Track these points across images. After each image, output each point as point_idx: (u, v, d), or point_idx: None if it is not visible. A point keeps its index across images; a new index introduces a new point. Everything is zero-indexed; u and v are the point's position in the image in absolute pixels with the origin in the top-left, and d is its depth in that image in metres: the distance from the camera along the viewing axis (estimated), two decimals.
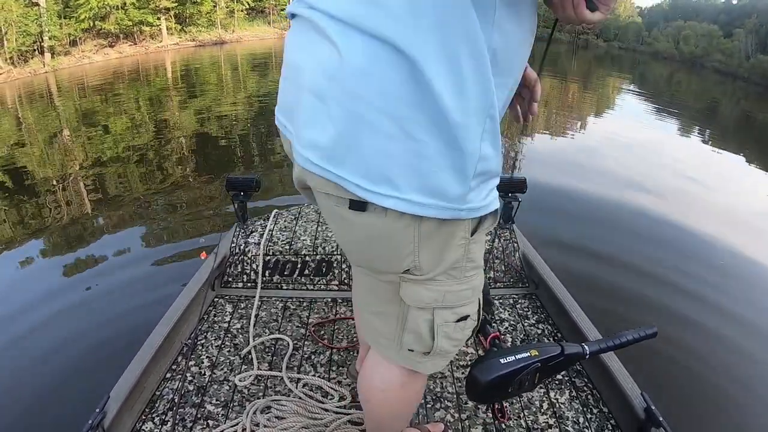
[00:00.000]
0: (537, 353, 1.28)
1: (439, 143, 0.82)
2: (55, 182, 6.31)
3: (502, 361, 1.26)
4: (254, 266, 2.42)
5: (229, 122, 9.49)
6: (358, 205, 0.88)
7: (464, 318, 1.07)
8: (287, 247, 2.45)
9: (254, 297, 2.31)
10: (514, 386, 1.26)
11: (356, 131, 0.82)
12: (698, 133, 11.22)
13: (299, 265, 2.43)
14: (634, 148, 8.35)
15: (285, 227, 2.62)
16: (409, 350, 1.11)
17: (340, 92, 0.81)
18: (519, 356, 1.27)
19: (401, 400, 1.26)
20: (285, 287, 2.43)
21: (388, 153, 0.82)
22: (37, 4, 20.49)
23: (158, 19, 26.04)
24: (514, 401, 1.76)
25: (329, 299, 2.36)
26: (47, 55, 20.52)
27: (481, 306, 1.14)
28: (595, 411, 1.73)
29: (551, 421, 1.68)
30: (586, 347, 1.33)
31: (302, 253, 2.43)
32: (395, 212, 0.86)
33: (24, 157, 7.48)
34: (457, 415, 1.71)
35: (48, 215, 5.18)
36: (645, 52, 38.24)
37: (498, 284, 2.47)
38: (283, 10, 34.59)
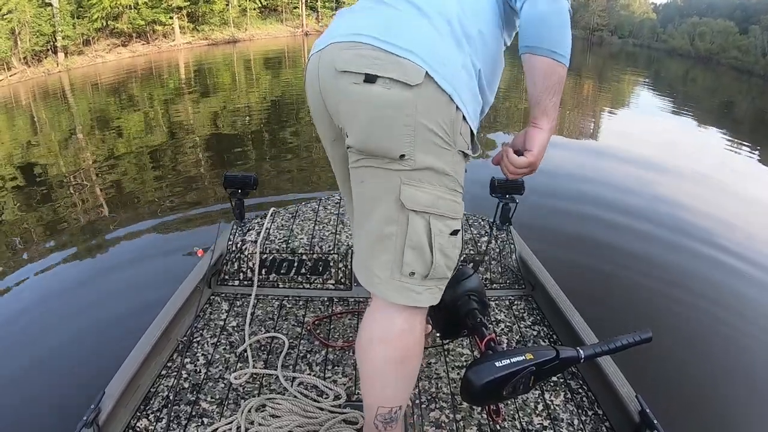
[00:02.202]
0: (532, 357, 1.28)
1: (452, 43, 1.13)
2: (58, 179, 6.37)
3: (497, 364, 1.26)
4: (251, 264, 2.42)
5: (234, 121, 9.54)
6: (370, 78, 1.09)
7: (455, 233, 1.22)
8: (284, 245, 2.45)
9: (250, 295, 2.31)
10: (509, 389, 1.26)
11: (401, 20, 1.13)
12: (710, 132, 11.05)
13: (296, 264, 2.43)
14: (640, 148, 8.17)
15: (282, 225, 2.62)
16: (410, 274, 1.20)
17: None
18: (514, 360, 1.27)
19: (401, 350, 1.26)
20: (281, 286, 2.43)
21: (416, 30, 1.11)
22: (50, 5, 20.70)
23: (171, 18, 26.23)
24: (509, 402, 1.75)
25: (325, 298, 2.36)
26: (61, 54, 20.75)
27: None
28: (590, 413, 1.72)
29: (546, 423, 1.67)
30: (581, 351, 1.33)
31: (299, 251, 2.42)
32: (400, 84, 1.08)
33: (33, 154, 7.58)
34: (452, 416, 1.70)
35: (47, 211, 5.23)
36: (660, 49, 37.91)
37: (494, 285, 2.46)
38: (296, 8, 34.71)
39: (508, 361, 1.26)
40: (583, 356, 1.32)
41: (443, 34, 1.12)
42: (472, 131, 1.21)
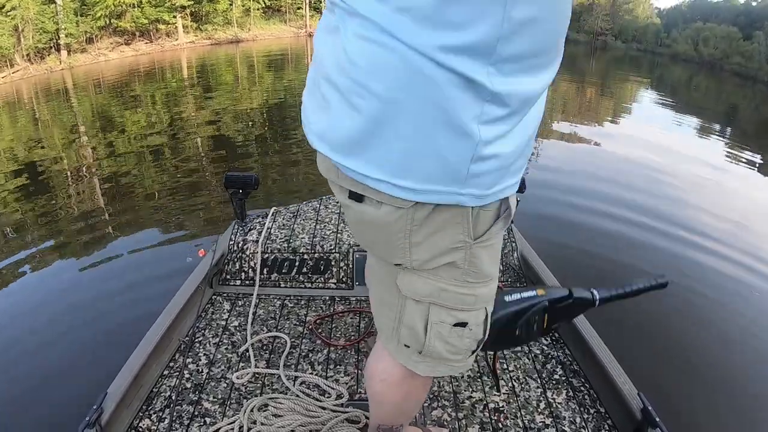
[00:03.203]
0: (544, 292, 1.24)
1: (434, 125, 0.78)
2: (59, 177, 6.38)
3: (507, 298, 1.21)
4: (252, 264, 2.43)
5: (236, 121, 9.54)
6: (356, 196, 0.91)
7: (462, 324, 1.02)
8: (285, 244, 2.45)
9: (252, 295, 2.31)
10: (522, 328, 1.21)
11: (353, 121, 0.82)
12: (712, 134, 11.07)
13: (297, 263, 2.43)
14: (642, 148, 8.22)
15: (283, 225, 2.62)
16: (405, 345, 1.08)
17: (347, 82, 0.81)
18: (525, 294, 1.23)
19: (400, 394, 1.23)
20: (283, 285, 2.43)
21: (385, 139, 0.80)
22: (54, 2, 20.72)
23: (174, 17, 26.20)
24: (511, 400, 1.76)
25: (327, 297, 2.36)
26: (63, 52, 20.77)
27: (489, 317, 1.07)
28: (592, 411, 1.72)
29: (548, 421, 1.67)
30: (596, 293, 1.31)
31: (300, 251, 2.43)
32: (389, 206, 0.87)
33: (35, 152, 7.58)
34: (454, 414, 1.71)
35: (48, 210, 5.23)
36: (664, 54, 37.78)
37: None
38: (299, 8, 34.73)
39: (519, 295, 1.21)
40: (597, 298, 1.29)
41: (432, 131, 0.78)
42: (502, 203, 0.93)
